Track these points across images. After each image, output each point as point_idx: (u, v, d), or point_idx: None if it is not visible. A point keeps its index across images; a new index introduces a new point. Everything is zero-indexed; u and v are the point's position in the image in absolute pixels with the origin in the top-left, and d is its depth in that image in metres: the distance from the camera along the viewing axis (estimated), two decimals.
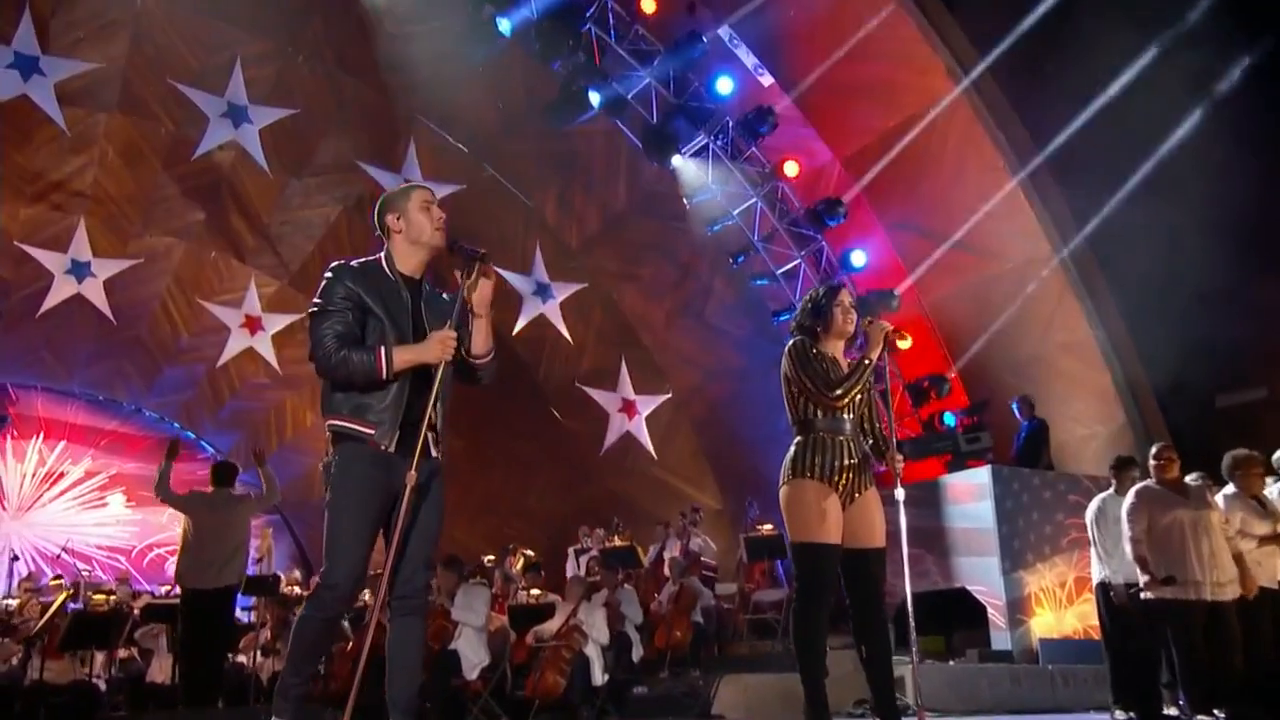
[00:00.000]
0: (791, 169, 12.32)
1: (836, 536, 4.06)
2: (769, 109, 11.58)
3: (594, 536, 12.32)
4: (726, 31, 11.63)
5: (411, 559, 3.39)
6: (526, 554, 12.17)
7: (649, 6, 11.29)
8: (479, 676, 7.93)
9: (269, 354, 14.78)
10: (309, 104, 12.71)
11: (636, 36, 11.49)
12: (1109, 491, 6.73)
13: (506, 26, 11.19)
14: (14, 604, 10.77)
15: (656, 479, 14.44)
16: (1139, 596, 6.05)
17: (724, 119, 11.88)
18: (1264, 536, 6.15)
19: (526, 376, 14.32)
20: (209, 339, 14.72)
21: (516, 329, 14.01)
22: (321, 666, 8.02)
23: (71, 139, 12.29)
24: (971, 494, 8.82)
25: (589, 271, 13.96)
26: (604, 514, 12.91)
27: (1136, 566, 5.97)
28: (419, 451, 3.27)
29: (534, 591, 9.64)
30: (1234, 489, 6.32)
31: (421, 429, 3.31)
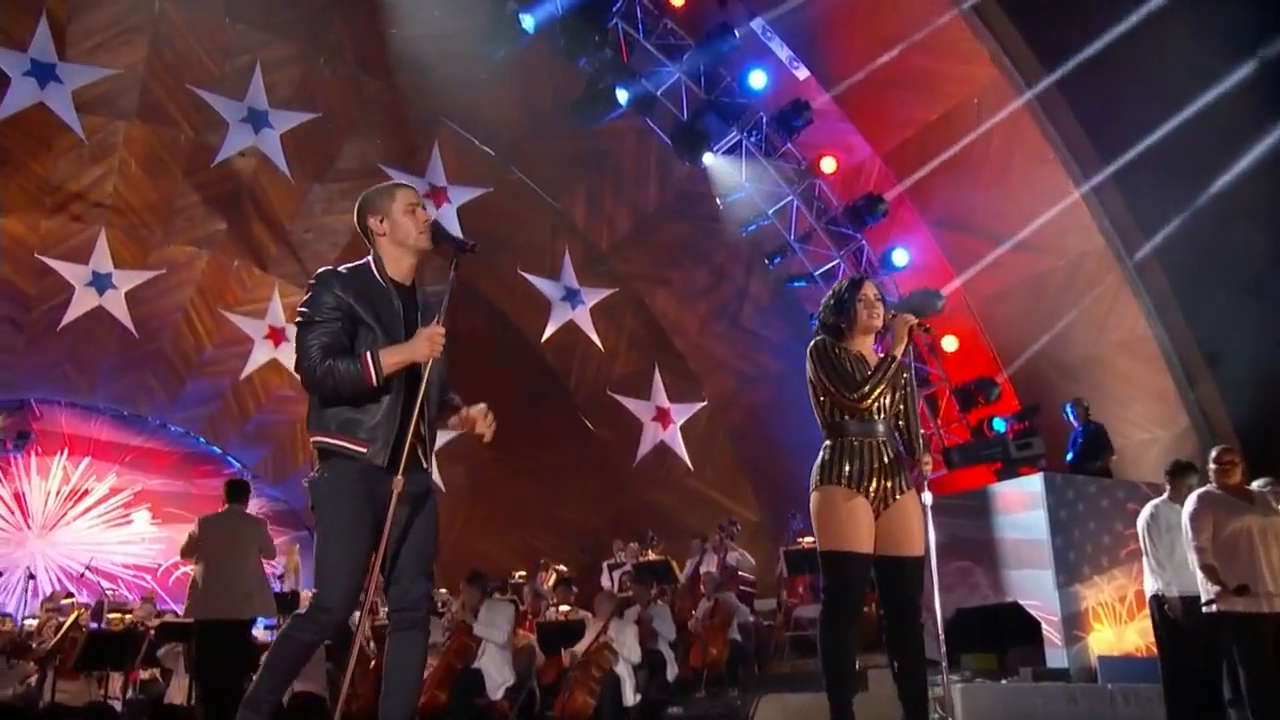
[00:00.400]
0: (829, 165, 11.93)
1: (867, 545, 3.91)
2: (804, 103, 11.29)
3: (628, 551, 12.12)
4: (759, 24, 11.30)
5: (407, 570, 3.30)
6: (559, 569, 11.98)
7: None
8: (504, 696, 7.80)
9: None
10: (331, 107, 12.57)
11: (665, 30, 11.28)
12: (1162, 498, 6.47)
13: (530, 23, 11.05)
14: (34, 624, 10.60)
15: (692, 490, 14.15)
16: (1199, 609, 5.77)
17: (757, 114, 11.62)
18: None
19: (556, 385, 14.18)
20: (232, 350, 14.59)
21: (545, 336, 13.82)
22: (345, 687, 7.73)
23: (90, 148, 12.22)
24: (1023, 503, 8.44)
25: (620, 275, 13.69)
26: (638, 527, 12.69)
27: (1197, 577, 5.73)
28: (405, 462, 3.17)
29: (563, 608, 9.40)
30: None
31: (411, 441, 3.20)
